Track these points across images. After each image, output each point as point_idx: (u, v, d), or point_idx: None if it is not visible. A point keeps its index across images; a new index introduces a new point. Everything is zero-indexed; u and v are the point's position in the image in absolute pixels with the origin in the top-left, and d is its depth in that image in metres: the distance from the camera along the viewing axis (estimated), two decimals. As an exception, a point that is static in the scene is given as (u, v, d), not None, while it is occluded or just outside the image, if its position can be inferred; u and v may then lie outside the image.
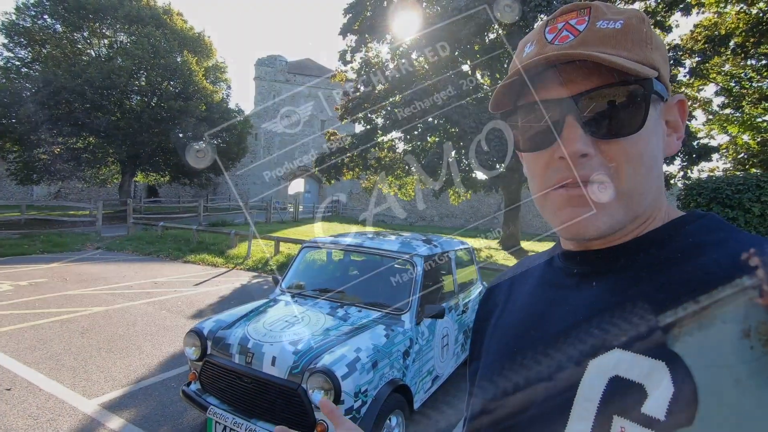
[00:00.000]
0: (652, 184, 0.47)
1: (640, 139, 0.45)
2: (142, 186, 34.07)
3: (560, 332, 0.50)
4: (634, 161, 0.45)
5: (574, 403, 0.45)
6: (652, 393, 0.39)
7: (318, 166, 14.57)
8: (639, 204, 0.47)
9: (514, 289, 0.65)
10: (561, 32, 0.48)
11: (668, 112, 0.49)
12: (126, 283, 7.67)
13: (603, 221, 0.47)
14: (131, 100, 21.46)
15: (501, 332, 0.61)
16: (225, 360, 2.74)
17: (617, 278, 0.48)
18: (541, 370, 0.50)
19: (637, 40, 0.46)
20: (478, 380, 0.62)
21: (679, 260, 0.45)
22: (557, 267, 0.57)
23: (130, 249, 11.48)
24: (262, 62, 38.35)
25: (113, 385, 3.72)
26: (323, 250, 4.02)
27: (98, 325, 5.25)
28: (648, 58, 0.46)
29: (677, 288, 0.43)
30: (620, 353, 0.43)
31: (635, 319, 0.44)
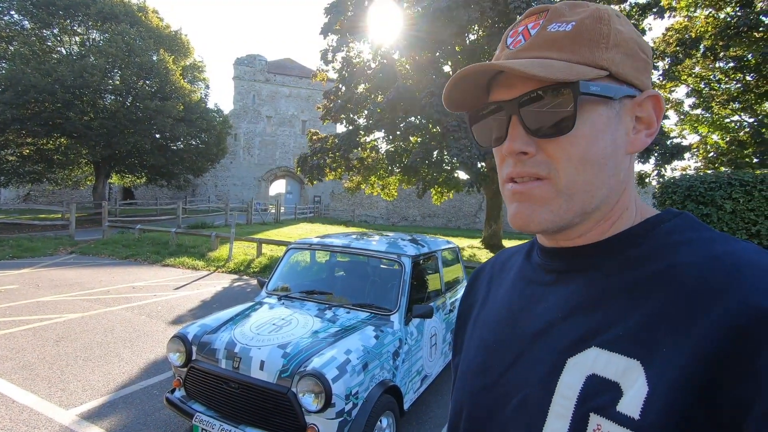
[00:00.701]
0: (601, 181, 0.47)
1: (581, 137, 0.46)
2: (118, 188, 33.13)
3: (539, 330, 0.50)
4: (573, 159, 0.47)
5: (552, 401, 0.45)
6: (627, 392, 0.40)
7: (300, 166, 14.43)
8: (584, 201, 0.48)
9: (493, 283, 0.66)
10: (517, 37, 0.51)
11: (639, 108, 0.49)
12: (102, 288, 7.43)
13: (544, 216, 0.48)
14: (105, 100, 20.80)
15: (481, 327, 0.61)
16: (211, 365, 2.67)
17: (593, 276, 0.49)
18: (520, 367, 0.51)
19: (586, 41, 0.46)
20: (458, 375, 0.62)
21: (654, 259, 0.46)
22: (535, 263, 0.58)
23: (105, 253, 11.14)
24: (241, 61, 37.78)
25: (92, 395, 3.58)
26: (309, 251, 3.97)
27: (74, 332, 5.06)
28: (595, 59, 0.46)
29: (651, 286, 0.43)
30: (597, 351, 0.43)
31: (611, 317, 0.44)
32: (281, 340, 2.66)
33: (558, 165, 0.47)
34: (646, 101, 0.49)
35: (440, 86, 10.72)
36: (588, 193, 0.47)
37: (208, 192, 36.81)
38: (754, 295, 0.37)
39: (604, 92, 0.46)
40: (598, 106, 0.47)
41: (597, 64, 0.46)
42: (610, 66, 0.46)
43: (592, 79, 0.46)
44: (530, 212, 0.49)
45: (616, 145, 0.48)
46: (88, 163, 23.27)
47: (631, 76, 0.48)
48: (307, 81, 38.69)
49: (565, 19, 0.48)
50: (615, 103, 0.47)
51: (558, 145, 0.47)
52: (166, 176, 25.15)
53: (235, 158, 37.59)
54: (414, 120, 11.93)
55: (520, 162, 0.49)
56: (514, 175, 0.50)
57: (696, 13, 12.99)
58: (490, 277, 0.68)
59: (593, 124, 0.47)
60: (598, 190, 0.48)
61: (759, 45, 10.82)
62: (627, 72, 0.47)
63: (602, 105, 0.47)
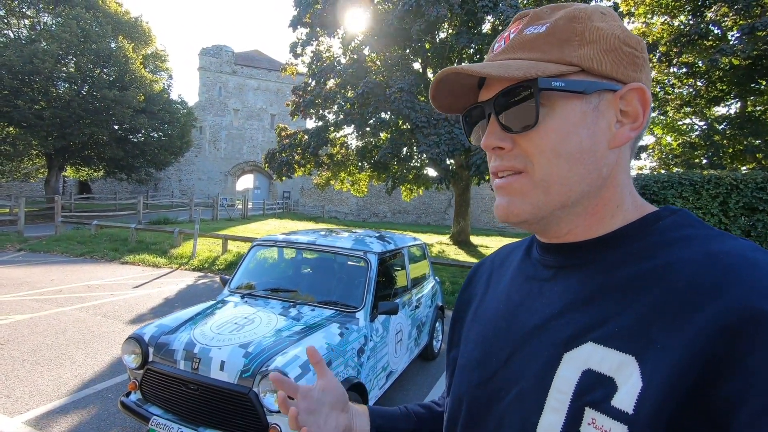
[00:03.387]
0: (579, 175, 0.48)
1: (552, 131, 0.48)
2: (73, 182, 31.39)
3: (536, 324, 0.51)
4: (546, 153, 0.48)
5: (548, 395, 0.46)
6: (622, 387, 0.41)
7: (268, 162, 14.14)
8: (561, 194, 0.49)
9: (492, 278, 0.67)
10: (500, 42, 0.54)
11: (622, 101, 0.49)
12: (54, 287, 7.03)
13: (522, 207, 0.50)
14: (58, 88, 19.61)
15: (480, 321, 0.62)
16: (169, 367, 2.58)
17: (590, 272, 0.50)
18: (517, 361, 0.51)
19: (557, 40, 0.48)
20: (457, 369, 0.63)
21: (650, 255, 0.46)
22: (534, 258, 0.59)
23: (58, 250, 10.53)
24: (206, 52, 36.53)
25: (40, 400, 3.39)
26: (275, 248, 3.90)
27: (21, 335, 4.77)
28: (565, 56, 0.48)
29: (646, 283, 0.44)
30: (592, 346, 0.44)
31: (606, 312, 0.45)
32: (243, 340, 2.60)
33: (533, 159, 0.49)
34: (629, 94, 0.49)
35: (410, 83, 10.76)
36: (564, 186, 0.48)
37: (172, 186, 35.48)
38: (749, 294, 0.37)
39: (570, 87, 0.47)
40: (571, 101, 0.48)
41: (566, 60, 0.48)
42: (582, 62, 0.48)
43: (555, 75, 0.47)
44: (509, 204, 0.51)
45: (594, 139, 0.48)
46: (39, 155, 21.91)
47: (610, 70, 0.48)
48: (276, 74, 37.88)
49: (542, 21, 0.50)
50: (592, 97, 0.48)
51: (530, 140, 0.49)
52: (125, 170, 24.04)
53: (201, 152, 36.40)
54: (384, 116, 11.92)
55: (499, 157, 0.52)
56: (495, 169, 0.52)
57: (653, 19, 13.62)
58: (489, 272, 0.69)
59: (566, 118, 0.48)
60: (575, 184, 0.48)
61: (708, 52, 11.45)
62: (605, 67, 0.48)
63: (576, 99, 0.48)
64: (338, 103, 12.82)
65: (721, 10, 11.15)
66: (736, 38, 10.43)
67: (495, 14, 10.26)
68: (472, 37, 11.38)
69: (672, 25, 13.01)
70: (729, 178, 6.36)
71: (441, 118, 10.28)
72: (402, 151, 12.69)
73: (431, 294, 4.70)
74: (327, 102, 13.12)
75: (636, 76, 0.50)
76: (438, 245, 15.25)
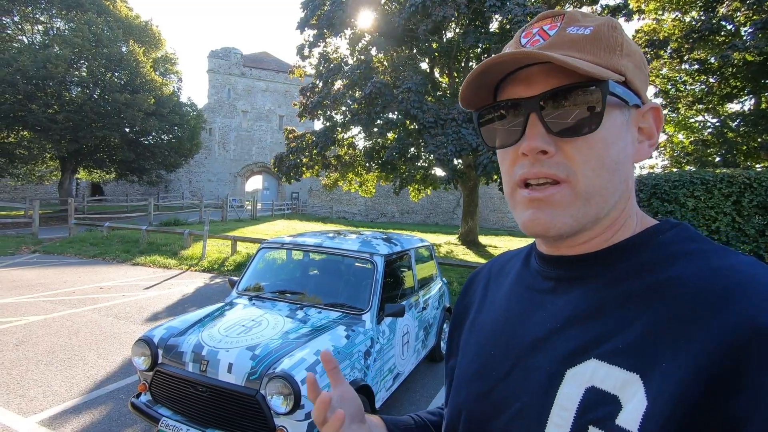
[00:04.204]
0: (614, 187, 0.48)
1: (600, 140, 0.46)
2: (85, 184, 31.91)
3: (538, 338, 0.50)
4: (592, 162, 0.46)
5: (551, 412, 0.45)
6: (626, 405, 0.40)
7: (277, 166, 14.21)
8: (599, 206, 0.47)
9: (491, 286, 0.65)
10: (534, 37, 0.50)
11: (642, 119, 0.50)
12: (67, 288, 7.15)
13: (564, 221, 0.47)
14: (71, 92, 19.95)
15: (478, 331, 0.61)
16: (178, 369, 2.61)
17: (593, 285, 0.49)
18: (518, 374, 0.50)
19: (604, 46, 0.47)
20: (455, 379, 0.62)
21: (652, 270, 0.45)
22: (534, 269, 0.57)
23: (71, 252, 10.72)
24: (215, 54, 36.90)
25: (53, 401, 3.45)
26: (282, 250, 3.92)
27: (35, 335, 4.86)
28: (614, 64, 0.47)
29: (649, 298, 0.43)
30: (596, 363, 0.43)
31: (609, 328, 0.44)
32: (250, 342, 2.63)
33: (576, 167, 0.46)
34: (648, 113, 0.50)
35: (418, 83, 10.74)
36: (603, 198, 0.47)
37: (182, 188, 35.89)
38: (754, 311, 0.37)
39: (624, 95, 0.47)
40: (615, 111, 0.47)
41: (616, 68, 0.47)
42: (626, 72, 0.47)
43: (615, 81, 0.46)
44: (551, 218, 0.48)
45: (626, 151, 0.48)
46: (53, 158, 22.30)
47: (639, 86, 0.49)
48: (285, 75, 38.09)
49: (581, 23, 0.48)
50: (627, 110, 0.48)
51: (577, 146, 0.46)
52: (137, 172, 24.38)
53: (210, 153, 36.76)
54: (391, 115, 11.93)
55: (538, 162, 0.47)
56: (531, 176, 0.48)
57: (663, 16, 13.43)
58: (486, 280, 0.67)
59: (612, 127, 0.47)
60: (611, 196, 0.48)
61: (721, 48, 11.27)
62: (637, 81, 0.49)
63: (618, 110, 0.47)
64: (345, 103, 12.84)
65: (733, 5, 10.95)
66: (749, 34, 10.24)
67: (503, 13, 10.20)
68: (479, 37, 11.33)
69: (683, 21, 12.82)
70: (742, 176, 6.25)
71: (449, 118, 10.25)
72: (409, 151, 12.67)
73: (438, 295, 4.69)
74: (335, 103, 13.15)
75: (646, 98, 0.51)
76: (446, 245, 15.21)
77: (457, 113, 10.18)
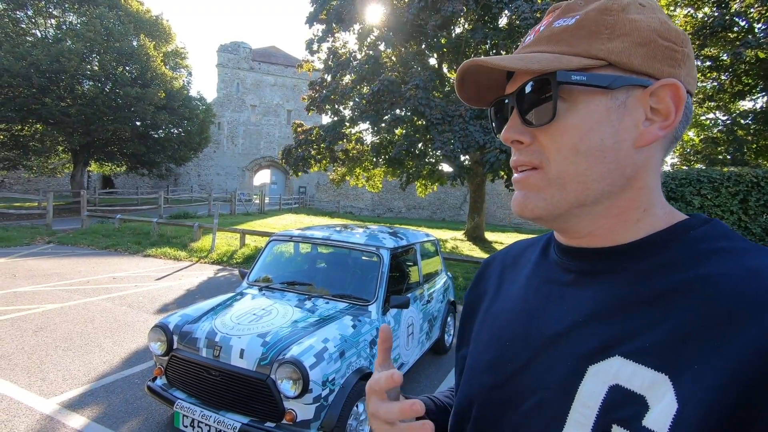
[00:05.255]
0: (598, 174, 0.46)
1: (572, 127, 0.46)
2: (97, 176, 32.36)
3: (557, 332, 0.49)
4: (564, 149, 0.47)
5: (571, 408, 0.44)
6: (654, 407, 0.38)
7: (285, 158, 14.36)
8: (578, 192, 0.47)
9: (505, 276, 0.64)
10: (530, 35, 0.53)
11: (655, 98, 0.46)
12: (82, 278, 7.36)
13: (536, 203, 0.49)
14: (83, 86, 20.23)
15: (492, 321, 0.60)
16: (192, 354, 2.74)
17: (616, 280, 0.47)
18: (536, 368, 0.49)
19: (585, 33, 0.47)
20: (466, 369, 0.60)
21: (682, 267, 0.44)
22: (553, 260, 0.56)
23: (84, 243, 10.96)
24: (224, 48, 37.07)
25: (72, 384, 3.61)
26: (291, 243, 4.04)
27: (53, 322, 5.04)
28: (592, 50, 0.46)
29: (680, 297, 0.41)
30: (621, 361, 0.42)
31: (635, 326, 0.43)
32: (261, 330, 2.74)
33: (549, 155, 0.48)
34: (661, 90, 0.46)
35: (426, 79, 10.78)
36: (581, 184, 0.47)
37: (191, 181, 36.26)
38: None
39: (592, 81, 0.45)
40: (596, 97, 0.46)
41: (592, 54, 0.46)
42: (609, 55, 0.45)
43: (578, 68, 0.45)
44: (524, 198, 0.50)
45: (618, 137, 0.46)
46: (65, 151, 22.64)
47: (641, 64, 0.45)
48: (293, 70, 38.20)
49: (573, 13, 0.48)
50: (618, 93, 0.46)
51: (548, 135, 0.48)
52: (147, 165, 24.68)
53: (219, 147, 37.06)
54: (399, 112, 11.99)
55: (518, 151, 0.51)
56: (514, 164, 0.52)
57: (675, 12, 13.28)
58: (501, 269, 0.66)
59: (588, 114, 0.46)
60: (594, 183, 0.47)
61: (733, 45, 11.14)
62: (635, 61, 0.45)
63: (600, 95, 0.46)
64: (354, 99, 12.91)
65: (747, 2, 10.82)
66: (762, 31, 10.12)
67: (511, 9, 10.18)
68: (487, 33, 11.32)
69: (696, 18, 12.67)
70: (750, 175, 6.24)
71: (456, 114, 10.29)
72: (417, 147, 12.73)
73: (443, 289, 4.78)
74: (343, 98, 13.22)
75: (672, 72, 0.46)
76: (452, 241, 15.27)
77: (464, 110, 10.22)
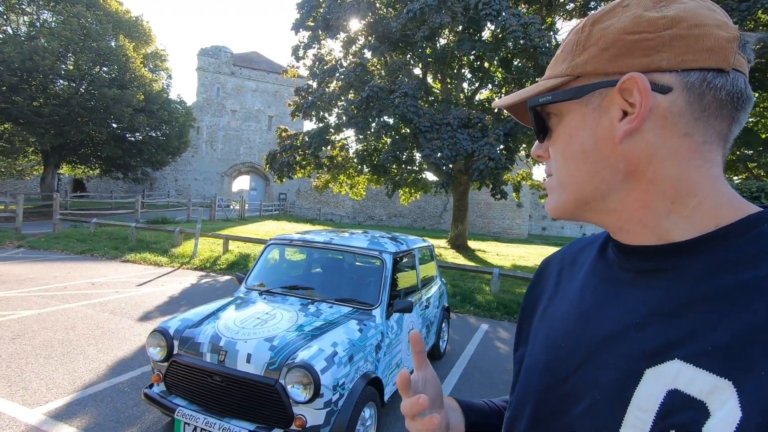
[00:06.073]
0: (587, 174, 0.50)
1: (559, 137, 0.53)
2: (68, 179, 31.18)
3: (612, 332, 0.48)
4: (558, 157, 0.53)
5: (627, 412, 0.43)
6: (716, 413, 0.36)
7: (269, 164, 14.20)
8: (575, 191, 0.52)
9: (563, 276, 0.64)
10: None
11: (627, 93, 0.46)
12: (59, 284, 7.04)
13: (550, 204, 0.56)
14: (56, 85, 19.56)
15: (549, 321, 0.60)
16: (195, 359, 2.66)
17: (677, 278, 0.45)
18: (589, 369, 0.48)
19: (566, 53, 0.51)
20: (523, 370, 0.61)
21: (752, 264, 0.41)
22: (611, 259, 0.55)
23: (58, 248, 10.51)
24: (205, 52, 36.58)
25: (57, 393, 3.44)
26: (290, 246, 3.98)
27: (31, 329, 4.80)
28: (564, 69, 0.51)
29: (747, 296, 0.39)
30: (680, 365, 0.40)
31: (697, 327, 0.41)
32: (267, 334, 2.69)
33: (554, 164, 0.55)
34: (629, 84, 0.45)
35: (414, 87, 10.89)
36: (575, 185, 0.51)
37: (168, 186, 35.36)
38: None
39: (557, 98, 0.51)
40: (573, 107, 0.50)
41: (563, 73, 0.51)
42: (574, 70, 0.50)
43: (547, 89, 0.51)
44: (548, 200, 0.57)
45: (597, 137, 0.48)
46: (35, 152, 21.79)
47: (606, 67, 0.47)
48: (275, 76, 37.97)
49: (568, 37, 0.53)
50: (592, 98, 0.49)
51: (551, 147, 0.55)
52: (122, 168, 24.00)
53: (197, 152, 36.34)
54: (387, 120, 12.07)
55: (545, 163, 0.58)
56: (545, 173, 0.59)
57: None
58: (559, 269, 0.66)
59: (568, 124, 0.51)
60: (585, 182, 0.50)
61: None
62: (599, 66, 0.47)
63: (576, 105, 0.50)
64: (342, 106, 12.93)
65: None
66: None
67: (497, 23, 10.44)
68: (474, 45, 11.56)
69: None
70: (725, 186, 6.55)
71: (444, 123, 10.43)
72: (404, 154, 12.82)
73: (438, 294, 4.80)
74: (329, 104, 13.22)
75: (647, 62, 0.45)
76: (436, 249, 15.37)
77: (453, 118, 10.37)
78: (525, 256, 16.68)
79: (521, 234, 33.13)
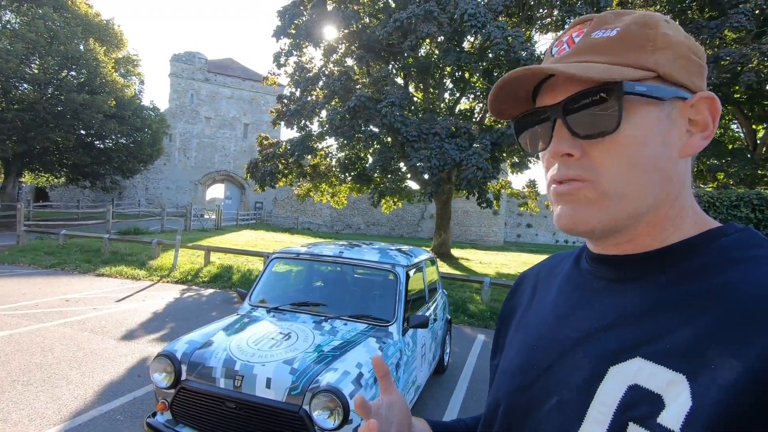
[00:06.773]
0: (649, 185, 0.47)
1: (628, 140, 0.46)
2: (29, 188, 29.54)
3: (582, 335, 0.50)
4: (621, 162, 0.46)
5: (590, 407, 0.45)
6: (670, 405, 0.39)
7: (250, 173, 13.85)
8: (634, 204, 0.47)
9: (539, 287, 0.66)
10: (561, 45, 0.52)
11: (692, 110, 0.48)
12: (29, 301, 6.55)
13: (589, 218, 0.48)
14: (19, 89, 18.55)
15: (524, 329, 0.62)
16: (207, 386, 2.46)
17: (645, 286, 0.48)
18: (559, 369, 0.51)
19: (631, 45, 0.47)
20: (497, 374, 0.63)
21: (711, 273, 0.44)
22: (584, 269, 0.57)
23: (24, 261, 9.85)
24: (179, 58, 35.69)
25: (42, 424, 3.13)
26: (296, 261, 3.82)
27: (4, 353, 4.41)
28: (642, 61, 0.47)
29: (705, 302, 0.42)
30: (641, 362, 0.43)
31: (659, 329, 0.43)
32: (286, 356, 2.52)
33: (602, 168, 0.47)
34: (699, 103, 0.48)
35: (400, 97, 10.89)
36: (638, 197, 0.47)
37: (138, 195, 34.06)
38: None
39: (651, 92, 0.46)
40: (648, 108, 0.46)
41: (643, 65, 0.46)
42: (657, 67, 0.46)
43: (637, 79, 0.46)
44: (574, 213, 0.49)
45: (667, 147, 0.47)
46: (-5, 160, 20.55)
47: (681, 77, 0.47)
48: (251, 83, 37.41)
49: (609, 26, 0.49)
50: (666, 104, 0.47)
51: (603, 147, 0.47)
52: (90, 177, 22.97)
53: (170, 160, 35.22)
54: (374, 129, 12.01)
55: (564, 165, 0.49)
56: (558, 177, 0.50)
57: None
58: (535, 282, 0.67)
59: (642, 125, 0.46)
60: (648, 194, 0.47)
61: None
62: (677, 73, 0.47)
63: (652, 106, 0.46)
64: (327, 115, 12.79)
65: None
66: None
67: (482, 34, 10.60)
68: (459, 56, 11.69)
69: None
70: (706, 196, 6.80)
71: (431, 132, 10.46)
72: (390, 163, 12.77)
73: (443, 307, 4.73)
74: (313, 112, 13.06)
75: (702, 86, 0.49)
76: (419, 258, 15.32)
77: (440, 128, 10.41)
78: (507, 264, 16.88)
79: (497, 241, 33.60)
